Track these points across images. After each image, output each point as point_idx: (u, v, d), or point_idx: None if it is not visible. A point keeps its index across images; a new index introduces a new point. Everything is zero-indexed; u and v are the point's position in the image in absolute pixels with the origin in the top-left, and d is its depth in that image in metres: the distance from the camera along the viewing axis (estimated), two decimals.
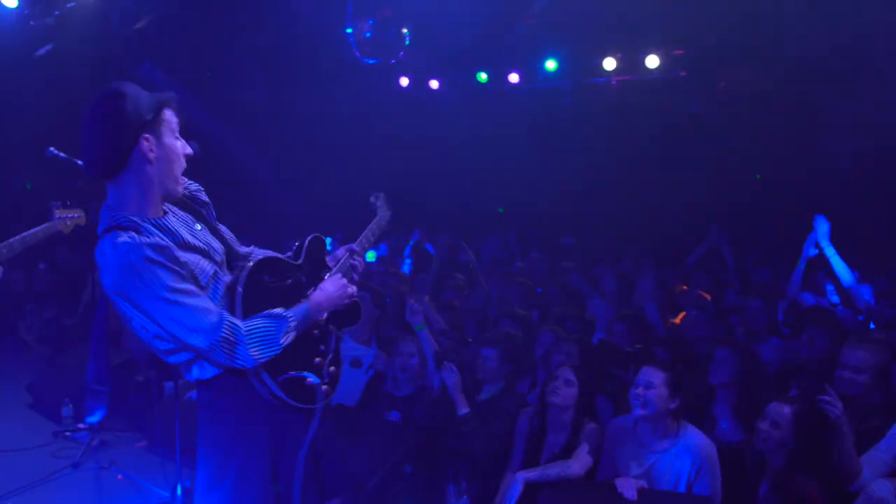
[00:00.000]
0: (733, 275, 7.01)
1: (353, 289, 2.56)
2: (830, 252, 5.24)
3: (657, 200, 12.28)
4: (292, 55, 10.20)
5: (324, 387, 2.40)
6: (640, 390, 3.39)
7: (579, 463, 3.47)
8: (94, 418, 5.08)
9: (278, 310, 2.26)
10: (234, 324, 2.13)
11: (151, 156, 2.11)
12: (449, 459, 4.07)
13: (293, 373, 2.29)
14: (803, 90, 9.91)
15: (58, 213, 4.02)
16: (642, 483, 3.28)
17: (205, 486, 2.30)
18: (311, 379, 2.33)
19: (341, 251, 2.77)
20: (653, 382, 3.38)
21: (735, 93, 10.66)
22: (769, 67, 10.09)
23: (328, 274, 2.61)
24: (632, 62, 10.37)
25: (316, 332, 2.46)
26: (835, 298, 5.95)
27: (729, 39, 9.45)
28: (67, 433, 5.28)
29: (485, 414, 4.13)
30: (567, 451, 3.62)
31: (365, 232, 3.00)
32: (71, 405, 5.43)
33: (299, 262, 2.53)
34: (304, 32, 9.19)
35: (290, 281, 2.42)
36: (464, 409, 4.11)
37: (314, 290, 2.46)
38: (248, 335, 2.14)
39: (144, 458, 4.89)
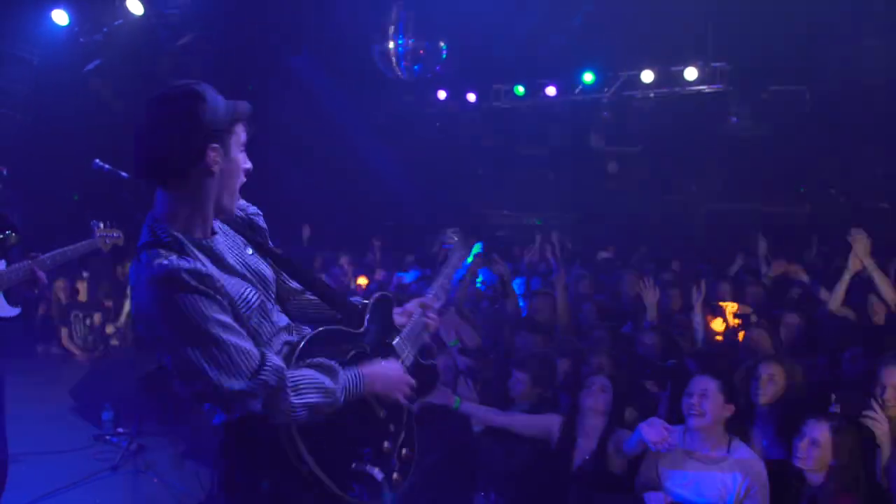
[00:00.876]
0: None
1: (411, 382, 2.20)
2: (872, 266, 5.11)
3: (695, 212, 12.15)
4: (331, 70, 10.39)
5: (394, 475, 2.10)
6: (694, 399, 3.32)
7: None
8: None
9: (330, 362, 1.98)
10: (278, 366, 1.84)
11: (216, 168, 1.86)
12: (478, 471, 4.06)
13: (355, 465, 1.99)
14: (847, 102, 9.73)
15: (98, 232, 4.14)
16: (673, 497, 3.23)
17: None
18: (375, 474, 2.00)
19: (412, 305, 2.44)
20: (707, 391, 3.31)
21: (778, 105, 10.51)
22: (813, 79, 9.94)
23: (397, 338, 2.31)
24: (670, 74, 10.30)
25: (384, 411, 2.15)
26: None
27: (772, 52, 9.34)
28: (107, 437, 5.41)
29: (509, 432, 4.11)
30: (598, 457, 3.59)
31: (439, 279, 2.63)
32: (111, 410, 5.57)
33: (361, 329, 2.20)
34: (343, 47, 9.35)
35: (352, 353, 2.11)
36: (479, 426, 4.11)
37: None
38: (293, 382, 1.85)
39: (180, 463, 4.98)
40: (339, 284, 7.65)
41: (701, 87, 10.25)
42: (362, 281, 7.94)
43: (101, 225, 4.17)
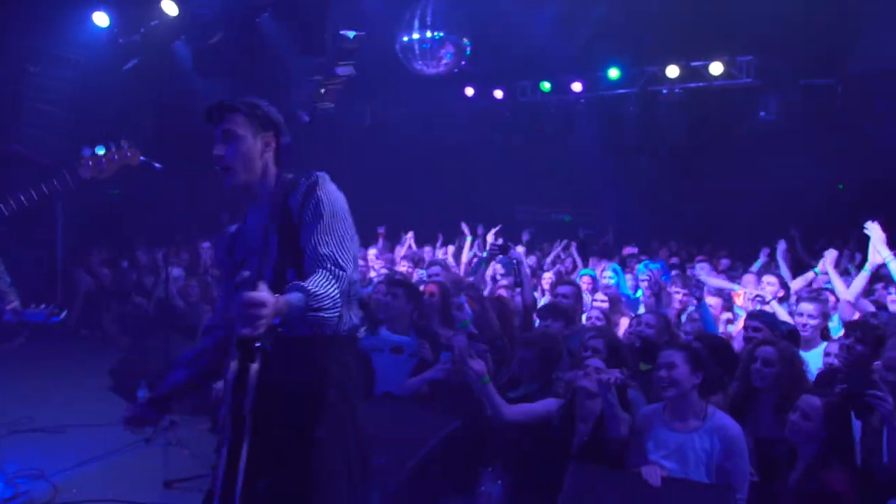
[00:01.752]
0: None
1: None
2: (889, 258, 5.16)
3: (723, 208, 12.10)
4: (360, 67, 10.61)
5: None
6: (663, 372, 3.49)
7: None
8: None
9: None
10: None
11: None
12: (485, 446, 4.24)
13: None
14: (880, 94, 9.65)
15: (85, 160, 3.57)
16: (667, 472, 3.37)
17: None
18: None
19: None
20: (674, 362, 3.47)
21: (809, 98, 10.45)
22: (844, 72, 9.87)
23: None
24: (695, 70, 10.32)
25: None
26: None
27: (801, 45, 9.31)
28: None
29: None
30: (593, 439, 3.73)
31: None
32: (146, 388, 5.87)
33: None
34: (370, 44, 9.58)
35: None
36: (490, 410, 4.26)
37: None
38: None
39: (206, 438, 5.27)
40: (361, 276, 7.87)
41: (728, 82, 10.25)
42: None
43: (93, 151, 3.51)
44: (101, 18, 8.63)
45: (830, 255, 5.85)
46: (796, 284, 6.60)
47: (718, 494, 3.25)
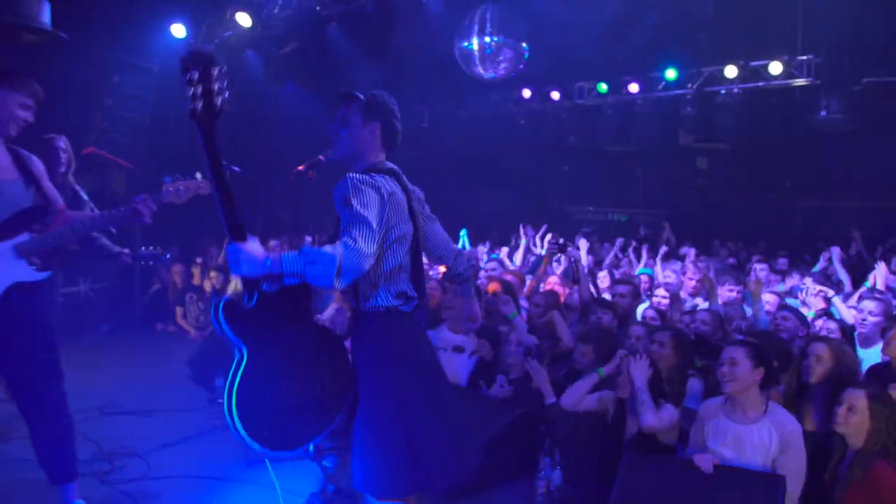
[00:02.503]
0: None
1: None
2: None
3: (784, 206, 11.97)
4: (419, 71, 10.90)
5: None
6: (725, 368, 3.63)
7: (658, 419, 3.79)
8: None
9: None
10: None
11: None
12: (545, 434, 4.45)
13: None
14: None
15: (166, 186, 3.71)
16: (718, 459, 3.53)
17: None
18: None
19: None
20: (735, 358, 3.61)
21: (871, 97, 10.29)
22: None
23: None
24: (754, 69, 10.26)
25: None
26: None
27: (864, 42, 9.20)
28: (219, 400, 6.08)
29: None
30: (646, 433, 3.93)
31: None
32: (222, 378, 6.26)
33: None
34: (430, 49, 9.85)
35: None
36: (550, 399, 4.47)
37: None
38: None
39: None
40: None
41: (787, 81, 10.16)
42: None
43: (173, 179, 3.77)
44: (178, 30, 9.16)
45: (881, 270, 5.85)
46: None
47: (768, 482, 3.37)
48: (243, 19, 8.95)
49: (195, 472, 4.57)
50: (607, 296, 6.32)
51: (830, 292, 5.91)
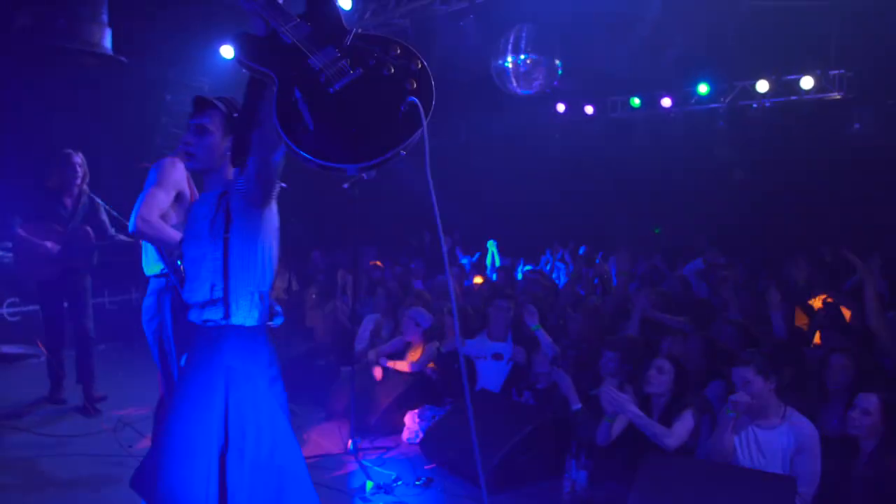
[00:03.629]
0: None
1: None
2: None
3: (816, 222, 11.95)
4: (454, 88, 11.18)
5: None
6: (740, 391, 3.83)
7: (675, 437, 4.01)
8: None
9: None
10: None
11: None
12: (571, 438, 4.70)
13: None
14: None
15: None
16: (742, 462, 3.75)
17: None
18: None
19: None
20: (746, 378, 3.82)
21: None
22: None
23: None
24: (786, 83, 10.35)
25: None
26: None
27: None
28: None
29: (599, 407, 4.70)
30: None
31: None
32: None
33: None
34: (465, 66, 10.14)
35: None
36: (576, 405, 4.72)
37: None
38: None
39: (323, 426, 5.99)
40: (457, 283, 8.39)
41: (820, 96, 10.23)
42: (478, 280, 8.73)
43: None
44: (227, 51, 9.64)
45: None
46: None
47: (780, 484, 3.58)
48: None
49: None
50: None
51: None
